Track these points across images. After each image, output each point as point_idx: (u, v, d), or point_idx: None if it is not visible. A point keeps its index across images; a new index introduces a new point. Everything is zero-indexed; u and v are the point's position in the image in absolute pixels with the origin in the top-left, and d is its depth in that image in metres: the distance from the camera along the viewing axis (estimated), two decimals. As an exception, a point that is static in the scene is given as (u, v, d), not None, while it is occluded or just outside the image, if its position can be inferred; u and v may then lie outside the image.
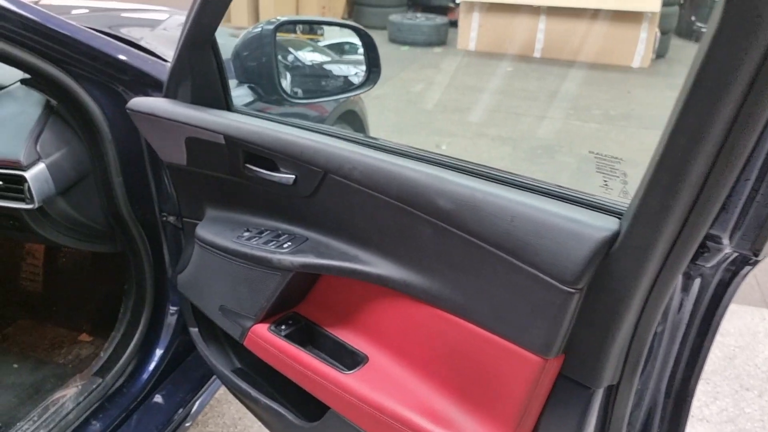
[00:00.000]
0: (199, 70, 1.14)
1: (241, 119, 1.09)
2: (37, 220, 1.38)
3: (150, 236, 1.46)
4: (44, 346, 1.80)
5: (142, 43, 1.40)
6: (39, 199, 1.29)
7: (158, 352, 1.50)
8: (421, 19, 7.34)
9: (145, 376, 1.47)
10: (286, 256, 1.03)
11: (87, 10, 1.93)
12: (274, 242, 1.08)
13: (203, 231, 1.20)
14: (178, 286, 1.39)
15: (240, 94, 1.33)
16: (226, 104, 1.19)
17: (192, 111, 1.13)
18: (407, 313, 0.94)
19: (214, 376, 1.52)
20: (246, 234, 1.13)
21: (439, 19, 7.43)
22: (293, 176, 1.00)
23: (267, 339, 1.09)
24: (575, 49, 6.48)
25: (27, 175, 1.27)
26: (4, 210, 1.33)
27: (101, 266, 1.89)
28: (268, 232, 1.12)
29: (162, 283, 1.52)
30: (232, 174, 1.13)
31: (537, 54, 6.76)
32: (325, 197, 0.99)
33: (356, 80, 1.46)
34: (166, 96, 1.22)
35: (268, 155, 1.02)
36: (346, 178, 0.92)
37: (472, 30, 7.00)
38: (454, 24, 7.39)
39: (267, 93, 1.27)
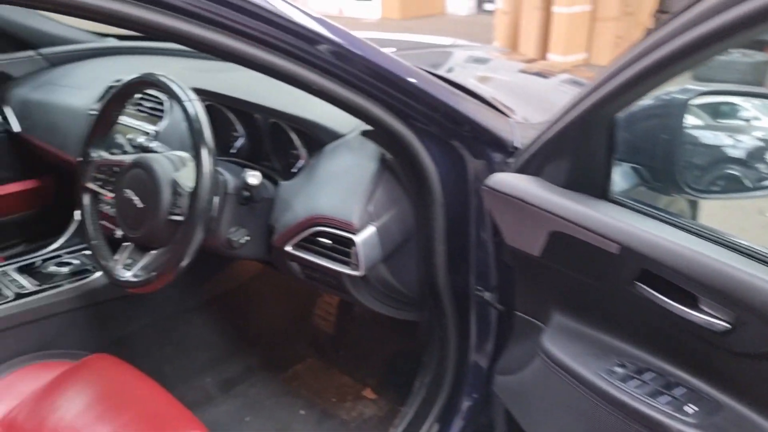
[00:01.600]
0: (581, 151, 0.90)
1: (641, 224, 0.81)
2: (355, 283, 1.28)
3: (460, 310, 1.28)
4: (330, 393, 1.74)
5: (477, 90, 1.22)
6: (365, 266, 1.17)
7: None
8: (736, 55, 6.38)
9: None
10: (692, 429, 0.73)
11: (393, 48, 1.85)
12: (664, 396, 0.78)
13: (553, 345, 0.96)
14: (496, 386, 1.17)
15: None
16: (602, 191, 0.93)
17: (568, 202, 0.89)
18: None
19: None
20: (619, 370, 0.85)
21: (759, 56, 6.38)
22: (727, 324, 0.70)
23: None
24: None
25: (357, 239, 1.15)
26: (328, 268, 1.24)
27: (396, 324, 1.78)
28: (653, 375, 0.83)
29: (463, 363, 1.33)
30: (612, 285, 0.86)
31: None
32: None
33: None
34: (522, 171, 1.01)
35: (687, 286, 0.73)
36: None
37: (803, 70, 5.87)
38: (775, 61, 6.29)
39: (657, 180, 0.98)
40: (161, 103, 1.56)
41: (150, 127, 1.55)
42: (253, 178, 1.22)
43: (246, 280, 1.97)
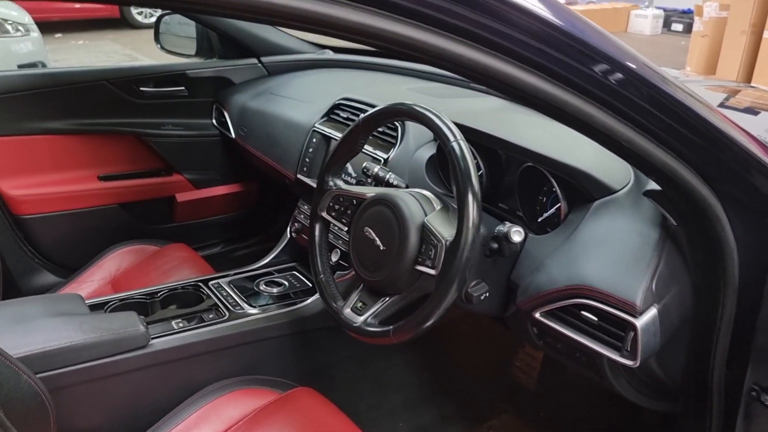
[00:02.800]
0: None
1: None
2: (615, 369, 1.09)
3: (728, 410, 1.04)
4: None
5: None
6: (643, 356, 0.97)
7: None
8: None
9: None
10: None
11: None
12: None
13: None
14: None
15: None
16: None
17: None
18: None
19: None
20: None
21: None
22: None
23: None
24: None
25: (638, 323, 0.96)
26: (584, 346, 1.06)
27: (614, 396, 1.56)
28: None
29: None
30: None
31: None
32: None
33: None
34: None
35: None
36: None
37: None
38: None
39: None
40: (395, 129, 1.46)
41: (380, 154, 1.45)
42: (517, 234, 1.07)
43: (447, 321, 1.84)
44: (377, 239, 1.12)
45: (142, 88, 2.01)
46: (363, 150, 1.45)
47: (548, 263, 1.10)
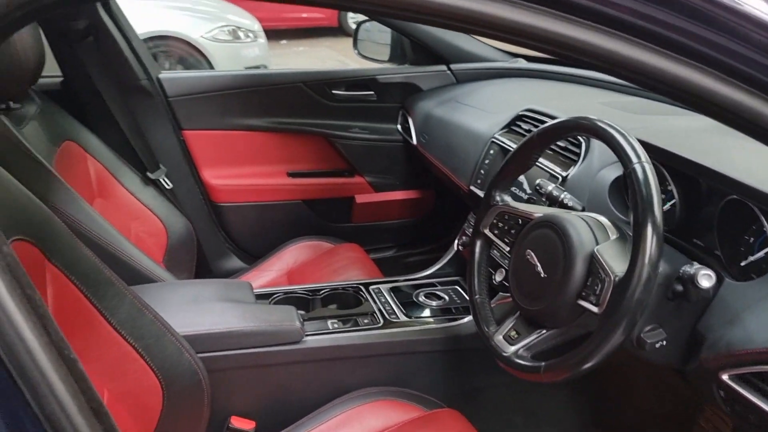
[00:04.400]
0: None
1: None
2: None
3: None
4: None
5: None
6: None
7: None
8: None
9: None
10: None
11: None
12: None
13: None
14: None
15: None
16: None
17: None
18: None
19: None
20: None
21: None
22: None
23: None
24: None
25: None
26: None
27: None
28: None
29: None
30: None
31: None
32: None
33: None
34: None
35: None
36: None
37: None
38: None
39: None
40: (578, 145, 1.33)
41: (558, 171, 1.33)
42: (706, 278, 0.90)
43: (617, 361, 1.65)
44: (539, 265, 1.01)
45: (334, 91, 2.08)
46: (539, 165, 1.35)
47: (746, 317, 0.91)
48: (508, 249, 1.13)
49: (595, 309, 0.90)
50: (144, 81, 1.84)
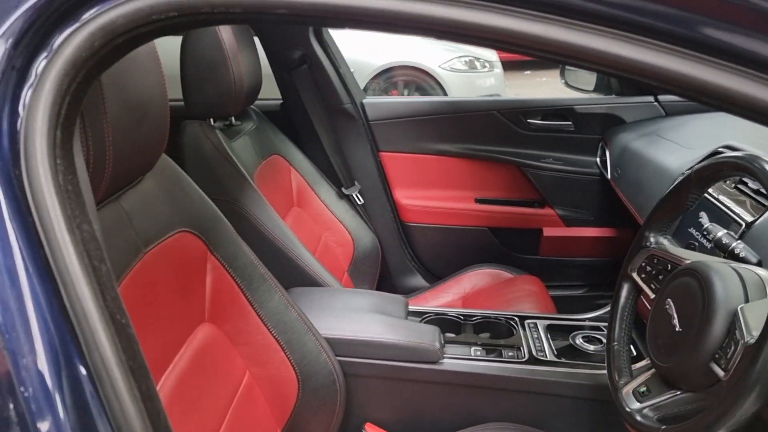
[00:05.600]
0: None
1: None
2: None
3: None
4: None
5: None
6: None
7: None
8: None
9: None
10: None
11: None
12: None
13: None
14: None
15: None
16: None
17: None
18: None
19: None
20: None
21: None
22: None
23: None
24: None
25: None
26: None
27: None
28: None
29: None
30: None
31: None
32: None
33: None
34: None
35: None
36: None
37: None
38: None
39: None
40: (771, 189, 1.14)
41: (744, 216, 1.16)
42: None
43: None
44: (676, 317, 0.90)
45: (529, 120, 2.06)
46: (723, 208, 1.19)
47: None
48: (652, 296, 1.02)
49: (721, 373, 0.78)
50: (348, 105, 2.03)
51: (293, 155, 1.92)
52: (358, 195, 2.05)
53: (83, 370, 0.52)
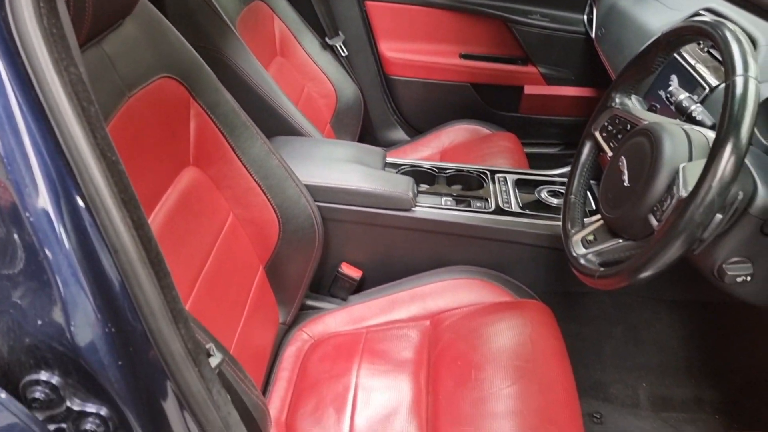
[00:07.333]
0: None
1: None
2: None
3: None
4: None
5: None
6: None
7: None
8: None
9: None
10: None
11: None
12: None
13: None
14: None
15: None
16: None
17: None
18: None
19: None
20: None
21: None
22: None
23: None
24: None
25: None
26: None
27: None
28: None
29: None
30: None
31: None
32: None
33: None
34: None
35: None
36: None
37: None
38: None
39: None
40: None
41: (710, 80, 1.20)
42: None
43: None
44: (626, 173, 0.98)
45: (519, -27, 2.01)
46: (693, 72, 1.23)
47: None
48: (611, 154, 1.09)
49: (655, 224, 0.87)
50: (333, -52, 1.95)
51: (276, 2, 1.88)
52: (342, 46, 2.04)
53: (80, 202, 0.59)
